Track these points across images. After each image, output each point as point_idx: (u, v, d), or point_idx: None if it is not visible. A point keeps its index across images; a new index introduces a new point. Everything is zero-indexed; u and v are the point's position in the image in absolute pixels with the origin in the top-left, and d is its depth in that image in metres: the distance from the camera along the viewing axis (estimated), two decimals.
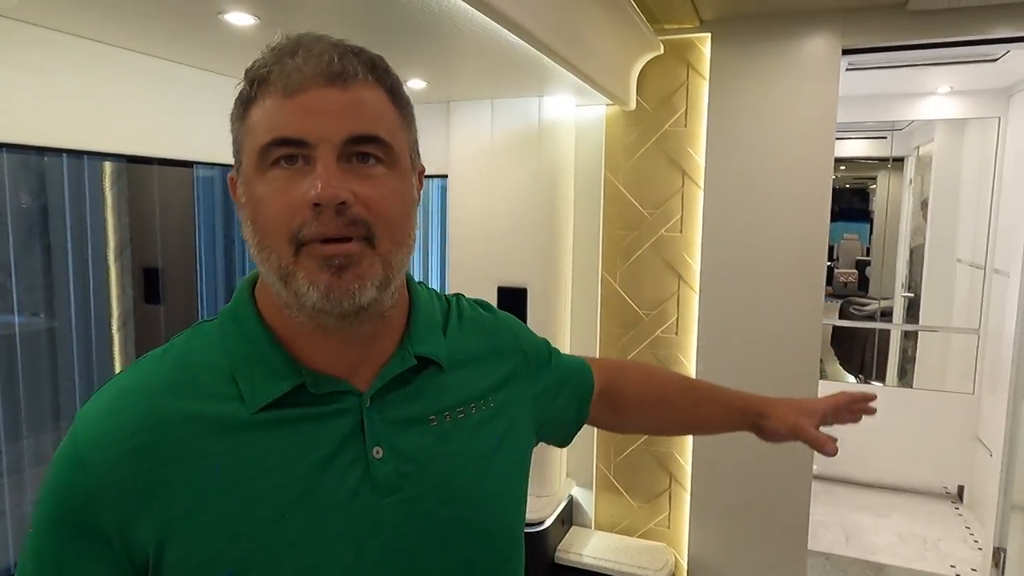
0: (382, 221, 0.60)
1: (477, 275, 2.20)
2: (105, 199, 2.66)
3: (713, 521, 2.24)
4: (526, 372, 0.82)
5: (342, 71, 0.59)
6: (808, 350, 2.09)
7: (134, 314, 2.72)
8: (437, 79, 1.88)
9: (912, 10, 1.88)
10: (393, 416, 0.66)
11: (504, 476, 0.74)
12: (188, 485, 0.58)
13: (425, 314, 0.74)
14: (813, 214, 2.06)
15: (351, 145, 0.59)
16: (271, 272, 0.60)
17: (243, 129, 0.62)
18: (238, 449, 0.59)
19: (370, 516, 0.62)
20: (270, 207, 0.59)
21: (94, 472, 0.57)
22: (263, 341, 0.64)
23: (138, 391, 0.61)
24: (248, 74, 0.61)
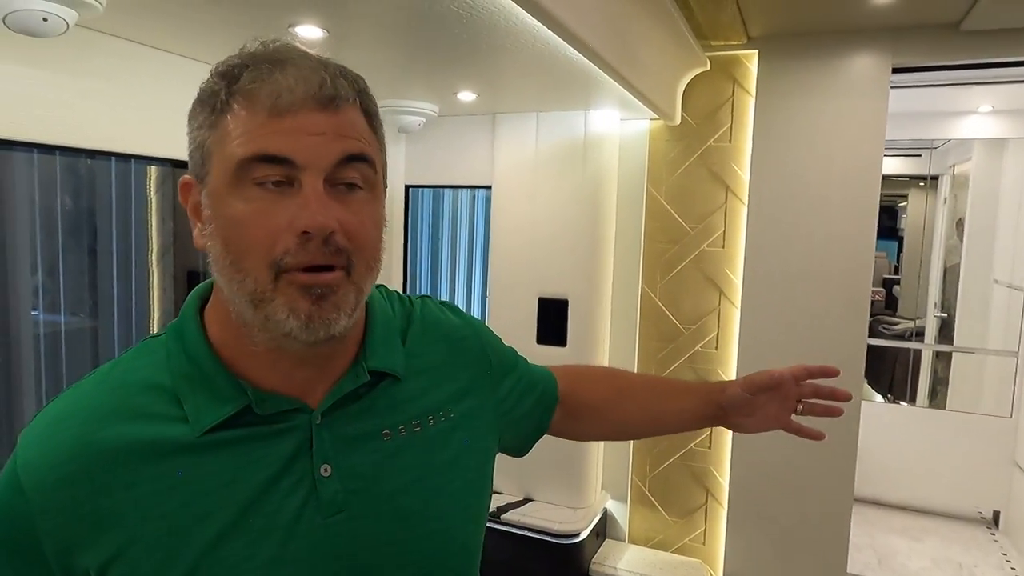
0: (360, 249, 0.59)
1: (518, 286, 2.21)
2: (150, 203, 2.70)
3: (750, 539, 2.22)
4: (489, 380, 0.79)
5: (334, 95, 0.57)
6: (851, 370, 2.08)
7: (174, 317, 2.76)
8: (488, 91, 1.90)
9: (965, 30, 1.87)
10: (344, 432, 0.64)
11: (460, 491, 0.71)
12: (125, 511, 0.57)
13: (382, 327, 0.71)
14: (858, 233, 2.05)
15: (340, 167, 0.58)
16: (242, 294, 0.57)
17: (212, 136, 0.58)
18: (178, 472, 0.58)
19: (315, 537, 0.61)
20: (250, 229, 0.56)
21: (31, 497, 0.56)
22: (206, 361, 0.61)
23: (77, 415, 0.59)
24: (223, 77, 0.58)
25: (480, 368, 0.79)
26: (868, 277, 2.06)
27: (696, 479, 2.30)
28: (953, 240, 4.25)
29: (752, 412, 0.91)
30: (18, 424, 2.18)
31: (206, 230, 0.59)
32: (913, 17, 1.87)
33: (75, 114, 1.32)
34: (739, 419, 0.92)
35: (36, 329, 2.27)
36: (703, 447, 2.28)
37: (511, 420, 0.82)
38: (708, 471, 2.28)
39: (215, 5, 1.19)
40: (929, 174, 4.41)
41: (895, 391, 4.25)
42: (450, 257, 2.76)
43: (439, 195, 2.77)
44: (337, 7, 1.21)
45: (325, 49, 1.41)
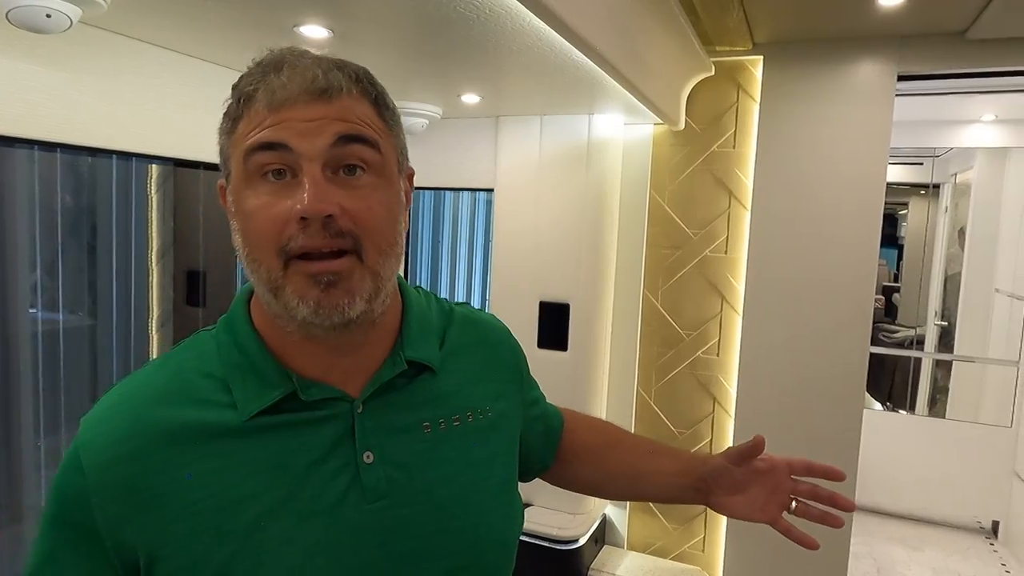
0: (368, 232, 0.60)
1: (520, 289, 2.20)
2: (150, 201, 2.69)
3: (749, 547, 2.21)
4: (519, 388, 0.81)
5: (327, 87, 0.59)
6: (854, 377, 2.07)
7: (174, 315, 2.75)
8: (492, 94, 1.90)
9: (971, 38, 1.87)
10: (385, 422, 0.66)
11: (498, 488, 0.72)
12: (176, 489, 0.59)
13: (419, 319, 0.73)
14: (862, 240, 2.05)
15: (338, 149, 0.59)
16: (261, 284, 0.61)
17: (230, 142, 0.62)
18: (227, 455, 0.61)
19: (356, 521, 0.62)
20: (258, 220, 0.59)
21: (89, 474, 0.59)
22: (255, 350, 0.64)
23: (135, 398, 0.63)
24: (235, 90, 0.62)
25: (513, 375, 0.81)
26: (871, 284, 2.05)
27: None
28: (954, 249, 4.25)
29: (735, 491, 0.83)
30: (16, 422, 2.17)
31: (234, 225, 0.63)
32: (919, 25, 1.87)
33: (76, 111, 1.31)
34: (722, 496, 0.83)
35: (34, 327, 2.26)
36: None
37: (525, 436, 0.83)
38: None
39: (219, 4, 1.18)
40: (931, 182, 4.40)
41: (895, 399, 4.24)
42: (450, 259, 2.75)
43: (440, 197, 2.76)
44: (342, 7, 1.20)
45: (330, 49, 1.40)
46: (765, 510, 0.82)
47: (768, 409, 2.16)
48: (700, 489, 0.84)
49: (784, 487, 0.82)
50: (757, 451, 0.80)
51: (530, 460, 0.86)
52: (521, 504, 0.77)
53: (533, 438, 0.85)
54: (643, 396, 2.33)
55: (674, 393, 2.29)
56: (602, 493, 0.98)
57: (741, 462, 0.81)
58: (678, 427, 2.29)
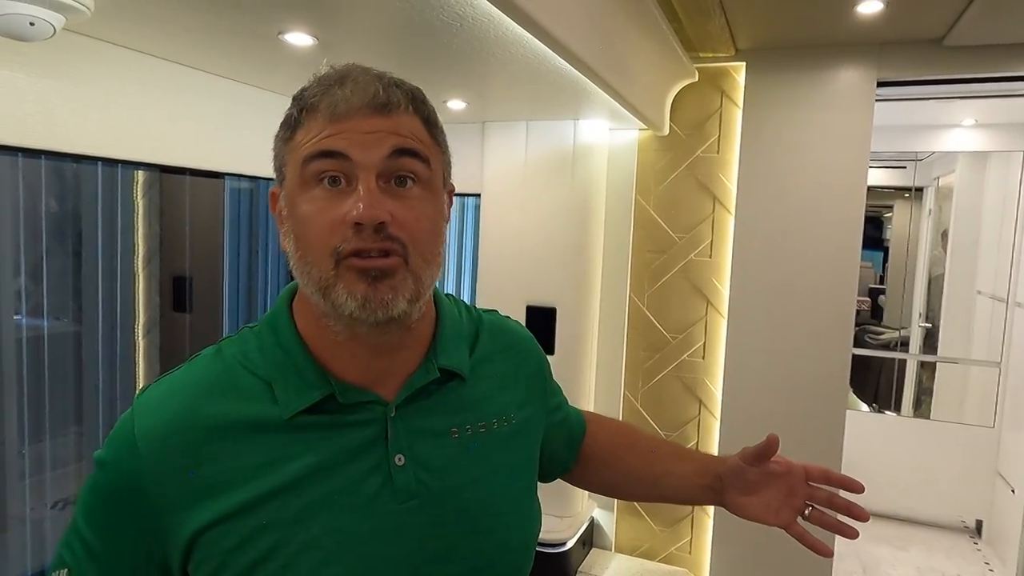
0: (415, 241, 0.64)
1: (507, 293, 2.21)
2: (136, 207, 2.68)
3: (735, 548, 2.23)
4: (543, 395, 0.85)
5: (387, 102, 0.63)
6: (836, 379, 2.09)
7: (160, 321, 2.73)
8: (477, 100, 1.91)
9: (949, 45, 1.90)
10: (416, 426, 0.69)
11: (520, 493, 0.76)
12: (223, 479, 0.63)
13: (451, 328, 0.77)
14: (844, 243, 2.07)
15: (393, 160, 0.63)
16: (312, 284, 0.64)
17: (287, 148, 0.66)
18: (271, 449, 0.64)
19: (388, 519, 0.66)
20: (314, 224, 0.63)
21: (145, 458, 0.63)
22: (297, 352, 0.68)
23: (189, 389, 0.67)
24: (296, 101, 0.65)
25: (537, 382, 0.84)
26: (853, 288, 2.08)
27: None
28: (937, 251, 4.30)
29: (749, 491, 0.83)
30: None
31: (284, 229, 0.67)
32: (898, 32, 1.90)
33: (60, 118, 1.31)
34: (737, 496, 0.84)
35: (18, 333, 2.24)
36: None
37: (547, 440, 0.85)
38: None
39: (203, 11, 1.19)
40: (914, 186, 4.46)
41: (880, 400, 4.28)
42: None
43: None
44: (326, 16, 1.21)
45: (315, 57, 1.41)
46: (780, 514, 0.83)
47: (753, 411, 2.18)
48: (716, 489, 0.85)
49: (800, 492, 0.83)
50: (771, 451, 0.80)
51: (552, 463, 0.90)
52: (539, 508, 0.81)
53: (555, 442, 0.88)
54: (630, 399, 2.35)
55: (660, 396, 2.31)
56: (620, 494, 1.01)
57: (755, 462, 0.81)
58: (664, 429, 2.31)
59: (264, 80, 1.73)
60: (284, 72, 1.60)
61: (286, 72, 1.59)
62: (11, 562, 2.18)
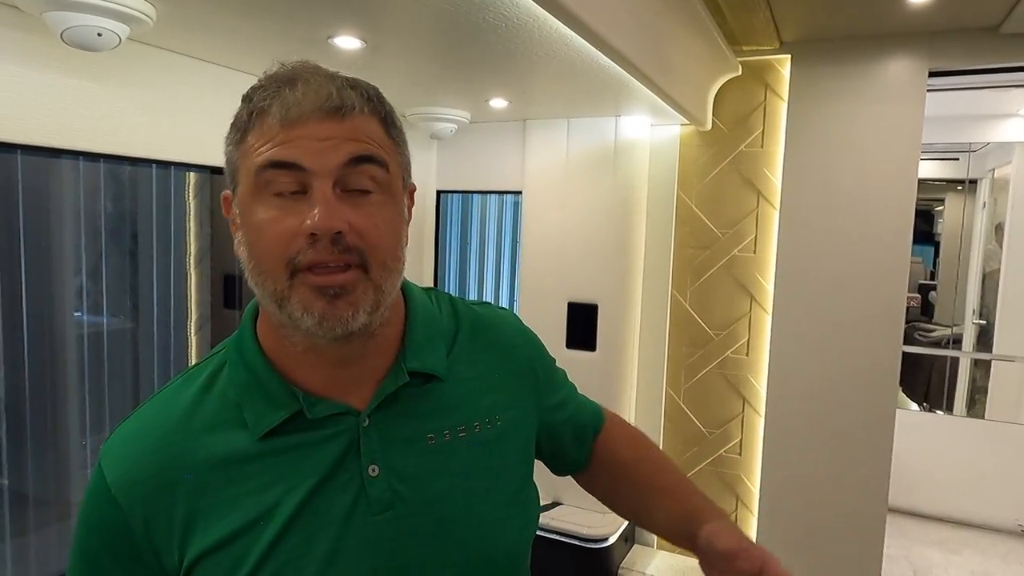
0: (374, 248, 0.61)
1: (548, 290, 2.22)
2: (188, 208, 2.76)
3: (780, 548, 2.19)
4: (534, 392, 0.80)
5: (341, 105, 0.60)
6: (886, 377, 2.05)
7: (211, 318, 2.82)
8: (519, 99, 1.92)
9: (1004, 32, 1.84)
10: (391, 434, 0.67)
11: (506, 499, 0.72)
12: (202, 515, 0.62)
13: (423, 328, 0.73)
14: (894, 239, 2.02)
15: (349, 169, 0.60)
16: (267, 296, 0.62)
17: (238, 152, 0.63)
18: (244, 478, 0.63)
19: (365, 533, 0.64)
20: (267, 234, 0.60)
21: (127, 508, 0.62)
22: (261, 369, 0.66)
23: (154, 430, 0.65)
24: (246, 102, 0.63)
25: (528, 380, 0.80)
26: (903, 283, 2.03)
27: (726, 486, 2.28)
28: (992, 245, 4.15)
29: (712, 568, 0.75)
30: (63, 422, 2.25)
31: (238, 237, 0.64)
32: (950, 20, 1.84)
33: (119, 123, 1.37)
34: (704, 565, 0.77)
35: (79, 330, 2.34)
36: (733, 453, 2.26)
37: (552, 437, 0.83)
38: (739, 478, 2.26)
39: (257, 19, 1.23)
40: (968, 178, 4.31)
41: (931, 399, 4.16)
42: (479, 262, 2.78)
43: (467, 200, 2.79)
44: (374, 19, 1.24)
45: (362, 59, 1.44)
46: None
47: (798, 409, 2.15)
48: (693, 542, 0.78)
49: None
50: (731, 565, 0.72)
51: (560, 458, 0.87)
52: (535, 511, 0.77)
53: (562, 440, 0.84)
54: (672, 396, 2.34)
55: (703, 393, 2.29)
56: (614, 506, 0.93)
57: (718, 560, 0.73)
58: (707, 427, 2.29)
59: None
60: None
61: None
62: None
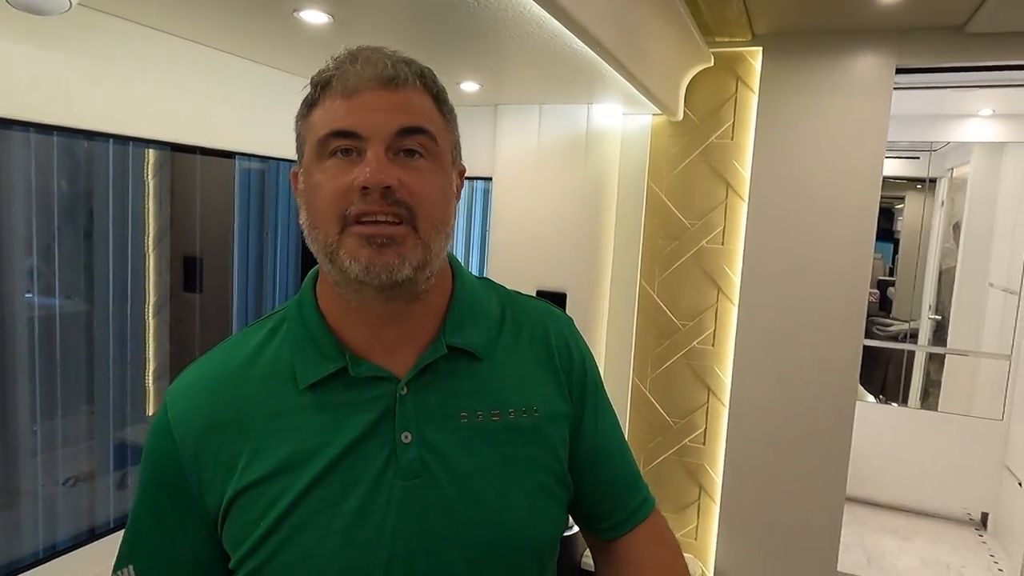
0: (423, 206, 0.65)
1: (517, 278, 2.21)
2: (147, 187, 2.68)
3: (741, 535, 2.23)
4: (582, 399, 0.79)
5: (395, 76, 0.65)
6: (847, 369, 2.08)
7: (170, 301, 2.74)
8: (491, 82, 1.89)
9: (970, 32, 1.87)
10: (425, 405, 0.70)
11: (536, 492, 0.72)
12: (245, 458, 0.67)
13: (469, 304, 0.75)
14: (858, 234, 2.06)
15: (400, 138, 0.65)
16: (320, 251, 0.66)
17: (305, 126, 0.68)
18: (288, 427, 0.68)
19: (393, 495, 0.67)
20: (324, 191, 0.65)
21: (180, 443, 0.69)
22: (315, 325, 0.71)
23: (214, 376, 0.72)
24: (313, 80, 0.68)
25: (569, 385, 0.78)
26: (866, 278, 2.06)
27: (690, 475, 2.31)
28: (949, 243, 4.26)
29: None
30: (12, 407, 2.17)
31: (301, 204, 0.69)
32: (918, 18, 1.87)
33: (73, 94, 1.31)
34: None
35: (30, 312, 2.25)
36: (698, 443, 2.28)
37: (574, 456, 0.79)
38: (702, 467, 2.29)
39: None
40: (928, 177, 4.41)
41: (887, 392, 4.27)
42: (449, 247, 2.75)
43: None
44: None
45: (330, 35, 1.39)
46: None
47: (762, 399, 2.18)
48: None
49: None
50: None
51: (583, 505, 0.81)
52: (563, 515, 0.76)
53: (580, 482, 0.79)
54: (638, 385, 2.35)
55: (669, 383, 2.31)
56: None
57: None
58: (672, 416, 2.31)
59: (278, 60, 1.72)
60: (298, 52, 1.59)
61: (300, 52, 1.58)
62: (24, 538, 2.21)
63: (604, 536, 0.84)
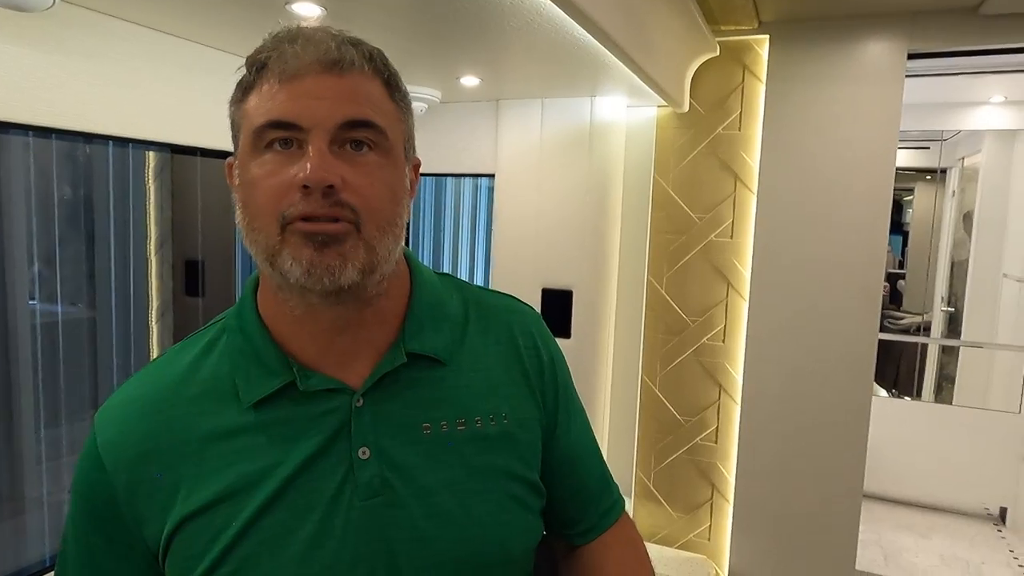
0: (368, 207, 0.60)
1: (522, 276, 2.17)
2: (148, 191, 2.67)
3: (756, 535, 2.19)
4: (545, 402, 0.75)
5: (339, 59, 0.59)
6: (863, 362, 2.03)
7: (173, 305, 2.73)
8: (492, 77, 1.85)
9: (985, 13, 1.82)
10: (383, 418, 0.64)
11: (508, 503, 0.68)
12: (186, 484, 0.61)
13: (429, 306, 0.70)
14: (871, 224, 2.01)
15: (345, 130, 0.59)
16: (260, 253, 0.61)
17: (240, 113, 0.62)
18: (233, 449, 0.62)
19: (351, 516, 0.62)
20: (261, 188, 0.59)
21: (112, 472, 0.62)
22: (258, 336, 0.65)
23: (147, 396, 0.65)
24: (248, 60, 0.62)
25: (539, 385, 0.74)
26: (881, 269, 2.01)
27: (702, 474, 2.26)
28: (961, 234, 4.20)
29: None
30: (17, 415, 2.15)
31: (236, 200, 0.64)
32: (930, 1, 1.82)
33: (67, 95, 1.28)
34: None
35: (33, 319, 2.24)
36: (709, 441, 2.24)
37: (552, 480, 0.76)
38: (714, 466, 2.24)
39: None
40: (939, 167, 4.35)
41: (900, 386, 4.22)
42: (452, 247, 2.72)
43: (441, 184, 2.73)
44: None
45: None
46: None
47: (775, 395, 2.13)
48: None
49: None
50: None
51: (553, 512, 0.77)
52: (537, 523, 0.72)
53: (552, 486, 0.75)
54: (647, 383, 2.30)
55: (679, 380, 2.26)
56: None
57: None
58: (683, 414, 2.26)
59: None
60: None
61: None
62: (30, 544, 2.20)
63: (577, 541, 0.80)
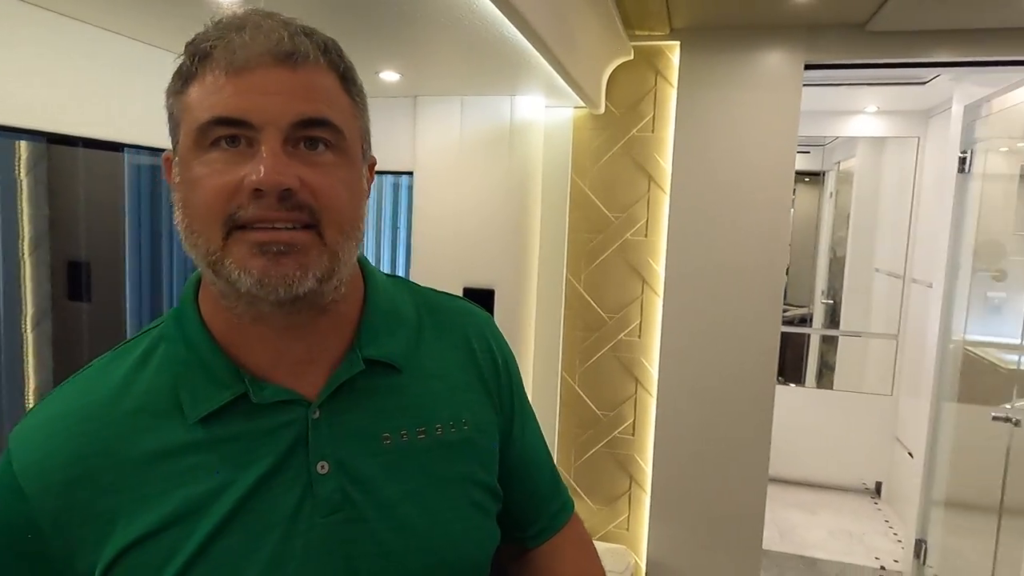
0: (329, 209, 0.56)
1: (443, 275, 2.13)
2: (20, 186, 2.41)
3: (672, 523, 2.27)
4: (502, 404, 0.74)
5: (292, 51, 0.55)
6: (767, 353, 2.16)
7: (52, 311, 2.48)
8: (412, 72, 1.81)
9: (870, 30, 1.97)
10: (342, 429, 0.61)
11: (470, 510, 0.67)
12: (126, 509, 0.56)
13: (384, 312, 0.67)
14: (773, 224, 2.13)
15: (299, 129, 0.55)
16: (200, 259, 0.56)
17: (180, 105, 0.57)
18: (178, 469, 0.57)
19: (314, 535, 0.58)
20: (203, 187, 0.54)
21: (34, 501, 0.55)
22: (203, 344, 0.60)
23: (77, 412, 0.58)
24: (189, 48, 0.57)
25: (496, 387, 0.73)
26: (783, 267, 2.14)
27: (620, 466, 2.32)
28: (841, 232, 4.56)
29: None
30: None
31: (175, 201, 0.58)
32: (826, 15, 1.95)
33: None
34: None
35: None
36: (627, 434, 2.30)
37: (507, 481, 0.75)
38: (631, 458, 2.31)
39: None
40: (821, 170, 4.70)
41: (786, 374, 4.52)
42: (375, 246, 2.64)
43: None
44: None
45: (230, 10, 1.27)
46: None
47: (688, 388, 2.22)
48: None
49: None
50: None
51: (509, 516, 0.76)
52: (496, 528, 0.71)
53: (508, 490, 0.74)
54: (567, 380, 2.33)
55: (598, 376, 2.31)
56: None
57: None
58: (602, 409, 2.31)
59: (174, 40, 1.56)
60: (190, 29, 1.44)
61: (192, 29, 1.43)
62: None
63: (529, 544, 0.79)
